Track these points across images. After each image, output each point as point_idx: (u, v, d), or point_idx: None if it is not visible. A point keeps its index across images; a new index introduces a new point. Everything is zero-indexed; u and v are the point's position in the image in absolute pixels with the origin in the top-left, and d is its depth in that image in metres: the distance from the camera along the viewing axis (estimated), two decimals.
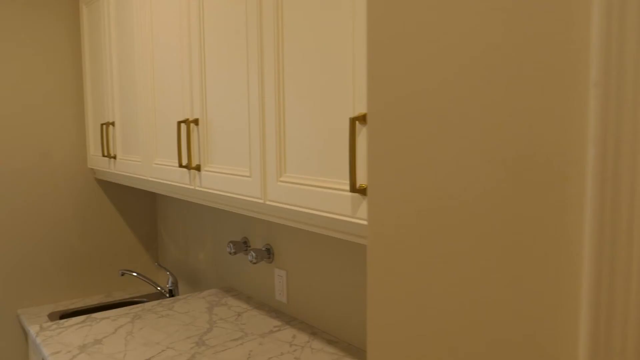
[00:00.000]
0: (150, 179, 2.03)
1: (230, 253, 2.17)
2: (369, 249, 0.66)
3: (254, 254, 2.02)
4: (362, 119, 1.07)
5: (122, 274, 2.62)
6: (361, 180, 1.08)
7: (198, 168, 1.68)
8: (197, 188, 1.72)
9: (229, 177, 1.54)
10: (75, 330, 1.89)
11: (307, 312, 1.92)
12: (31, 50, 2.56)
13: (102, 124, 2.37)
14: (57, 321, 1.97)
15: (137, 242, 2.92)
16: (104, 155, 2.38)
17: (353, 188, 1.08)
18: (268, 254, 2.06)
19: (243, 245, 2.19)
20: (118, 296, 2.80)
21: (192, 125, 1.69)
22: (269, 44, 1.33)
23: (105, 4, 2.30)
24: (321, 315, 1.86)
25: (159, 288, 2.65)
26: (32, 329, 1.91)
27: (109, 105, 2.35)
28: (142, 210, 2.91)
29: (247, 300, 2.17)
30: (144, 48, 1.99)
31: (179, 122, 1.72)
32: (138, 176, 2.13)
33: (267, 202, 1.39)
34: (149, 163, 2.02)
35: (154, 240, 2.97)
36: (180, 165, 1.73)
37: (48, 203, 2.66)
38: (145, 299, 2.74)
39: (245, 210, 1.56)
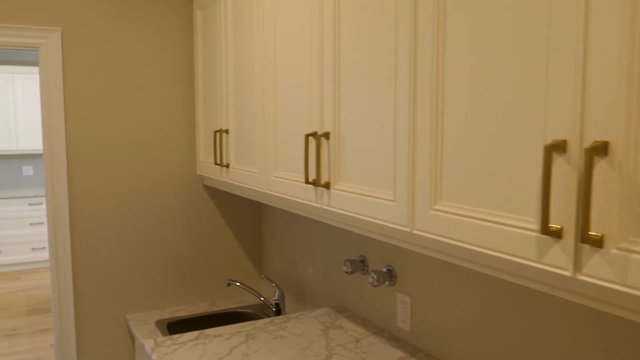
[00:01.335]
0: (267, 191, 1.93)
1: (346, 272, 2.03)
2: None
3: (375, 276, 1.87)
4: (561, 146, 0.88)
5: (229, 284, 2.55)
6: (556, 220, 0.90)
7: (327, 186, 1.55)
8: (324, 207, 1.58)
9: (365, 198, 1.40)
10: (190, 349, 1.82)
11: (433, 344, 1.75)
12: (145, 55, 2.54)
13: (215, 131, 2.31)
14: (171, 337, 1.91)
15: (242, 251, 2.85)
16: (216, 164, 2.32)
17: (545, 229, 0.90)
18: (390, 276, 1.91)
19: (360, 265, 2.05)
20: (222, 305, 2.74)
21: (322, 139, 1.56)
22: (425, 55, 1.16)
23: (222, 8, 2.23)
24: (450, 349, 1.68)
25: (262, 298, 2.57)
26: (147, 344, 1.86)
27: (222, 113, 2.28)
28: (247, 219, 2.85)
29: (364, 324, 2.03)
30: (264, 55, 1.89)
31: (307, 135, 1.60)
32: (253, 188, 2.03)
33: (415, 232, 1.23)
34: (267, 175, 1.92)
35: (257, 250, 2.90)
36: (307, 182, 1.60)
37: (158, 209, 2.64)
38: (249, 310, 2.67)
39: (383, 237, 1.41)
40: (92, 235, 2.52)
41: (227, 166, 2.25)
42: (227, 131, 2.24)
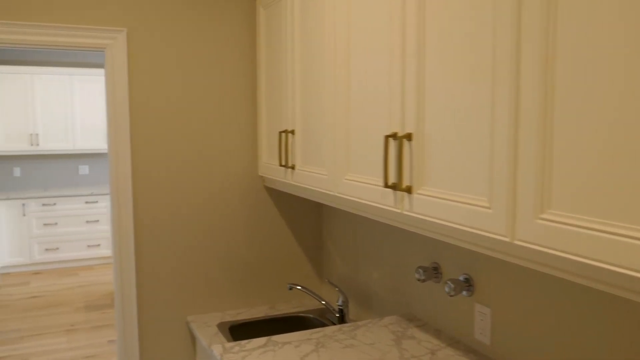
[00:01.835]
0: (337, 195, 1.86)
1: (419, 280, 1.94)
2: None
3: (452, 285, 1.77)
4: None
5: (290, 288, 2.50)
6: None
7: (409, 190, 1.46)
8: (404, 212, 1.50)
9: (455, 204, 1.30)
10: (259, 356, 1.77)
11: (514, 359, 1.64)
12: (208, 56, 2.51)
13: (280, 132, 2.25)
14: (239, 343, 1.86)
15: (302, 253, 2.80)
16: (281, 165, 2.26)
17: None
18: (467, 285, 1.81)
19: (433, 272, 1.96)
20: (282, 308, 2.69)
21: (404, 140, 1.47)
22: (531, 46, 1.06)
23: (289, 6, 2.17)
24: None
25: (323, 302, 2.49)
26: (216, 350, 1.82)
27: (288, 113, 2.23)
28: (308, 221, 2.79)
29: (437, 335, 1.93)
30: (336, 53, 1.82)
31: (387, 137, 1.51)
32: (321, 190, 1.97)
33: (516, 242, 1.13)
34: (338, 178, 1.85)
35: (318, 253, 2.83)
36: (386, 185, 1.52)
37: (220, 210, 2.61)
38: (310, 315, 2.61)
39: (475, 246, 1.31)
40: (155, 237, 2.51)
41: (293, 168, 2.19)
42: (292, 132, 2.18)
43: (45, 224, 7.02)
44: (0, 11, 2.21)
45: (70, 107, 7.17)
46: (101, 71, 7.25)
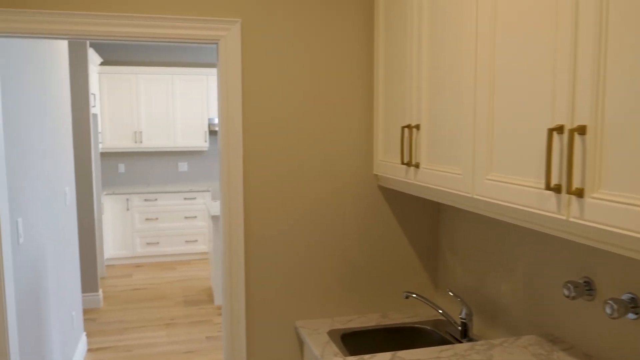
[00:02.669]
0: (475, 197, 1.64)
1: (568, 297, 1.68)
2: None
3: (614, 306, 1.51)
4: None
5: (407, 297, 2.31)
6: None
7: (579, 193, 1.23)
8: (571, 219, 1.27)
9: None
10: None
11: None
12: (322, 47, 2.37)
13: (402, 127, 2.06)
14: (361, 357, 1.70)
15: (416, 259, 2.59)
16: (402, 163, 2.07)
17: None
18: (634, 306, 1.53)
19: (585, 288, 1.69)
20: (395, 318, 2.51)
21: (574, 134, 1.24)
22: None
23: None
24: None
25: (441, 313, 2.28)
26: None
27: (412, 106, 2.04)
28: (424, 224, 2.58)
29: None
30: (478, 36, 1.60)
31: (550, 130, 1.29)
32: (454, 191, 1.76)
33: None
34: (477, 178, 1.63)
35: (433, 260, 2.62)
36: (548, 187, 1.30)
37: (330, 211, 2.46)
38: (427, 326, 2.40)
39: None
40: (264, 238, 2.40)
41: (417, 166, 2.00)
42: (417, 127, 1.99)
43: (147, 219, 7.26)
44: (111, 3, 2.18)
45: (172, 105, 7.37)
46: (201, 70, 7.40)
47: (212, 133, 7.79)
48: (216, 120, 7.54)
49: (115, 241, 7.17)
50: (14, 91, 2.72)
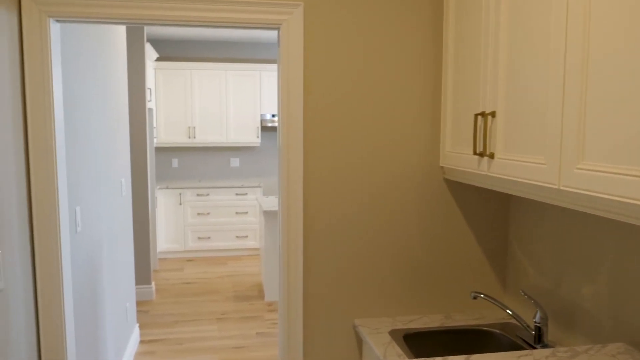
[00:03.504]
0: (562, 188, 1.49)
1: None
2: None
3: None
4: None
5: (475, 297, 2.16)
6: None
7: None
8: None
9: None
10: None
11: None
12: (386, 31, 2.26)
13: (475, 115, 1.93)
14: (433, 359, 1.57)
15: (483, 257, 2.44)
16: (475, 153, 1.94)
17: None
18: None
19: None
20: (459, 319, 2.36)
21: None
22: None
23: None
24: None
25: (512, 315, 2.12)
26: None
27: (486, 92, 1.89)
28: (493, 220, 2.42)
29: None
30: (570, 13, 1.46)
31: None
32: (536, 183, 1.61)
33: None
34: (565, 168, 1.48)
35: (502, 258, 2.46)
36: None
37: (392, 205, 2.34)
38: (495, 329, 2.25)
39: None
40: (323, 233, 2.31)
41: (491, 156, 1.85)
42: (493, 114, 1.85)
43: (198, 213, 7.30)
44: None
45: (225, 101, 7.40)
46: (254, 66, 7.39)
47: (264, 129, 7.78)
48: (268, 117, 7.52)
49: (167, 235, 7.25)
50: (75, 83, 2.73)
